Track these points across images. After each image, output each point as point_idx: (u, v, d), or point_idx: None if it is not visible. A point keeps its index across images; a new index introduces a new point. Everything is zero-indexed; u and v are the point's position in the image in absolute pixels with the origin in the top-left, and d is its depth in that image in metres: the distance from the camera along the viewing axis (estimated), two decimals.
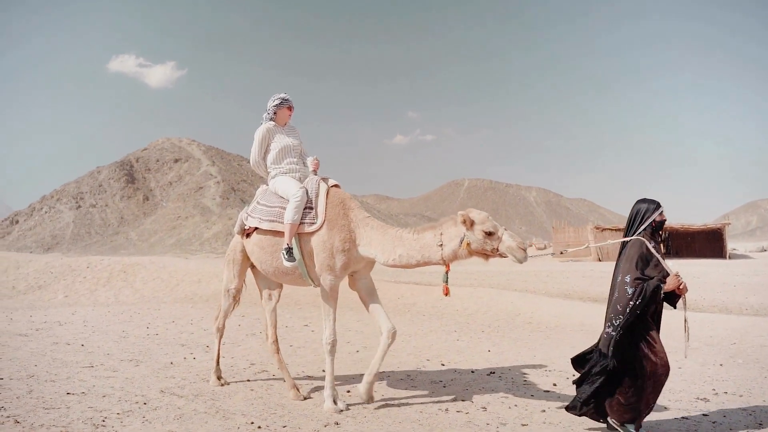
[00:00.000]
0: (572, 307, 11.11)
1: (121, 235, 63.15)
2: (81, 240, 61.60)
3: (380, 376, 6.08)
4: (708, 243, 38.86)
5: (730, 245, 51.92)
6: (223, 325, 5.88)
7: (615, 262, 4.13)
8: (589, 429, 4.30)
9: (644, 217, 4.08)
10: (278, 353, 5.52)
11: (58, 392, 5.08)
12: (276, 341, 5.58)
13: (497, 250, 4.36)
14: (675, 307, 4.10)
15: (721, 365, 6.54)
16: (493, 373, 6.18)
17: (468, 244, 4.40)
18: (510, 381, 5.80)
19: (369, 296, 5.13)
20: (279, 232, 5.02)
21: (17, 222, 65.86)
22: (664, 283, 3.86)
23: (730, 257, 36.22)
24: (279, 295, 5.78)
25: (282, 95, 5.42)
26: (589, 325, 9.36)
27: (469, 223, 4.41)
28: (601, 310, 10.87)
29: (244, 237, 5.46)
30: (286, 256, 4.87)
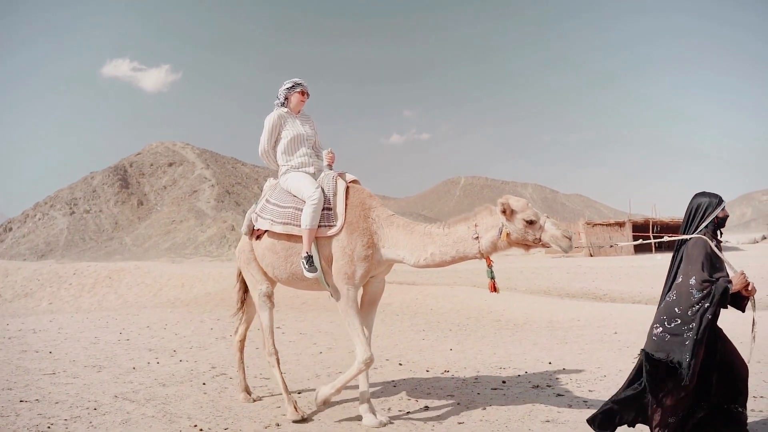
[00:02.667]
0: (544, 304, 11.22)
1: (116, 240, 63.19)
2: (75, 246, 61.65)
3: (334, 376, 6.18)
4: None
5: (723, 238, 52.05)
6: (273, 344, 4.96)
7: (670, 262, 3.74)
8: (527, 428, 4.40)
9: (706, 212, 3.68)
10: (241, 352, 5.52)
11: (12, 400, 5.18)
12: (243, 341, 5.58)
13: (539, 239, 4.06)
14: (743, 311, 3.67)
15: None
16: (447, 371, 6.28)
17: (507, 235, 4.08)
18: (461, 380, 5.90)
19: (368, 306, 4.80)
20: (293, 235, 4.61)
21: (11, 229, 65.90)
22: (731, 284, 3.49)
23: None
24: None
25: (296, 79, 5.00)
26: (557, 321, 9.47)
27: (509, 212, 4.08)
28: (575, 306, 11.03)
29: (253, 238, 5.01)
30: (306, 266, 4.45)
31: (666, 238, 4.48)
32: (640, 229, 38.88)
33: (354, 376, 4.40)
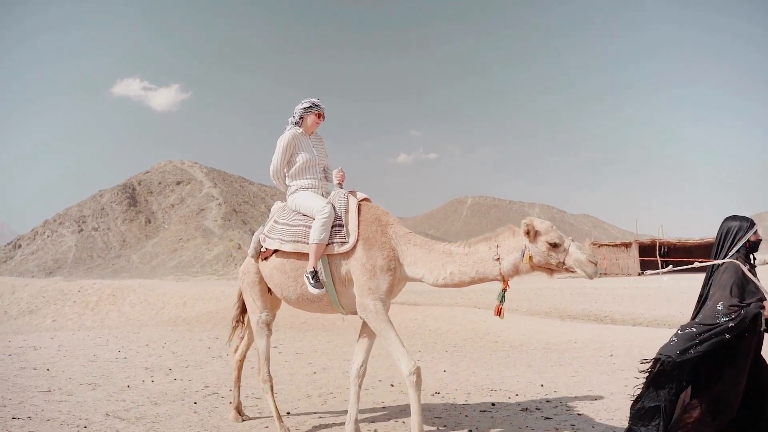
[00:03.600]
0: (543, 326, 11.21)
1: (123, 258, 63.44)
2: (83, 263, 61.94)
3: (324, 397, 6.22)
4: (706, 257, 38.72)
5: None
6: (269, 372, 4.99)
7: (701, 288, 3.67)
8: None
9: (737, 236, 3.61)
10: (239, 371, 5.55)
11: (4, 417, 5.24)
12: (243, 359, 5.62)
13: (563, 263, 3.85)
14: None
15: None
16: (438, 393, 6.30)
17: (530, 258, 3.90)
18: (451, 402, 5.92)
19: (368, 329, 4.57)
20: (303, 254, 4.47)
21: (20, 246, 66.34)
22: (764, 308, 3.42)
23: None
24: None
25: (313, 99, 4.87)
26: (553, 343, 9.46)
27: (533, 234, 3.91)
28: (573, 327, 11.02)
29: (261, 260, 4.91)
30: (311, 282, 4.31)
31: (696, 264, 4.36)
32: (647, 249, 38.70)
33: (419, 398, 4.07)
